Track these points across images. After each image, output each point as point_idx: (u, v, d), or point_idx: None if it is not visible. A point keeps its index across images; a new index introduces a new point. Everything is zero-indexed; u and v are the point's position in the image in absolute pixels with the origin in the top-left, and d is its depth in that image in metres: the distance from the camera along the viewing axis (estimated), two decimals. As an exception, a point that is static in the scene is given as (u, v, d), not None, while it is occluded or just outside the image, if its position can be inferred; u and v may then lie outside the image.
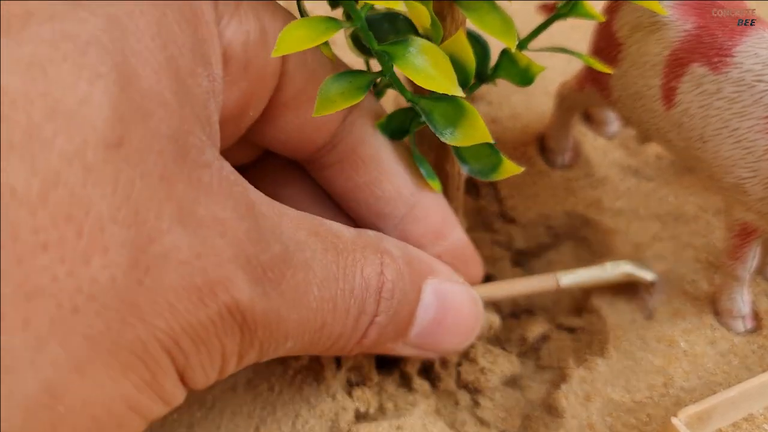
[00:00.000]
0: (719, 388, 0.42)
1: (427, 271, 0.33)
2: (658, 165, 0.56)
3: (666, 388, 0.42)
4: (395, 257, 0.32)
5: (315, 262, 0.28)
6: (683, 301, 0.47)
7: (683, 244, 0.50)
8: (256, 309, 0.25)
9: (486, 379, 0.42)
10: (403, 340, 0.33)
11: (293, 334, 0.28)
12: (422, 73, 0.27)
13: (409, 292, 0.32)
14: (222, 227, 0.24)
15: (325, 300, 0.28)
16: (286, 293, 0.26)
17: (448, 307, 0.34)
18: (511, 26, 0.30)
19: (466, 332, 0.36)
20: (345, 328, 0.30)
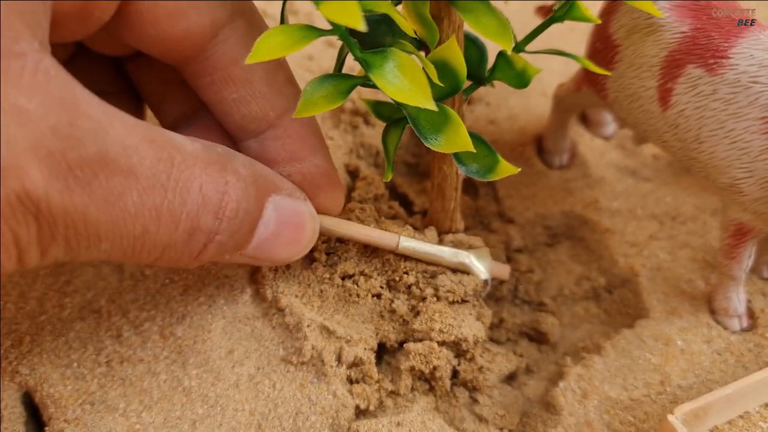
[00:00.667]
0: (715, 385, 0.42)
1: (272, 188, 0.35)
2: (655, 165, 0.56)
3: (663, 386, 0.42)
4: (242, 176, 0.32)
5: (141, 169, 0.28)
6: (680, 300, 0.47)
7: (680, 244, 0.50)
8: (54, 202, 0.25)
9: (484, 377, 0.43)
10: (241, 252, 0.34)
11: (107, 236, 0.28)
12: (394, 86, 0.28)
13: (253, 210, 0.33)
14: (23, 117, 0.24)
15: (147, 207, 0.28)
16: (96, 193, 0.26)
17: (286, 222, 0.35)
18: (507, 29, 0.30)
19: (301, 245, 0.37)
20: (173, 239, 0.30)
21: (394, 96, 0.29)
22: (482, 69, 0.37)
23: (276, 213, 0.35)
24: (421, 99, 0.29)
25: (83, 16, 0.31)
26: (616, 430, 0.41)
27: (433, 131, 0.33)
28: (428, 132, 0.33)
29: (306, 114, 0.31)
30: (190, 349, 0.41)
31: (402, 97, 0.28)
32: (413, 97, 0.28)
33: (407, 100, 0.29)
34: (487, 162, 0.35)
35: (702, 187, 0.54)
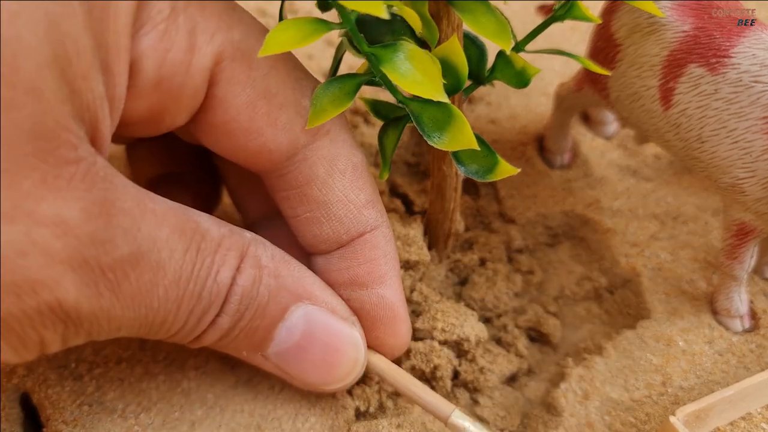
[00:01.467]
0: (717, 387, 0.42)
1: (305, 294, 0.33)
2: (656, 165, 0.56)
3: (664, 387, 0.42)
4: (261, 265, 0.31)
5: (170, 263, 0.28)
6: (681, 300, 0.47)
7: (681, 244, 0.50)
8: (83, 308, 0.26)
9: (485, 378, 0.42)
10: (262, 354, 0.33)
11: (127, 327, 0.28)
12: (408, 78, 0.28)
13: (271, 306, 0.32)
14: (62, 228, 0.24)
15: (170, 301, 0.28)
16: (124, 294, 0.27)
17: (317, 337, 0.33)
18: (506, 28, 0.30)
19: (337, 373, 0.34)
20: (186, 325, 0.30)
21: (408, 88, 0.28)
22: (482, 68, 0.37)
23: (305, 322, 0.33)
24: (433, 91, 0.28)
25: (153, 123, 0.31)
26: (618, 431, 0.41)
27: (437, 129, 0.32)
28: (431, 130, 0.32)
29: (318, 122, 0.30)
30: (189, 351, 0.41)
31: (417, 89, 0.28)
32: (427, 89, 0.28)
33: (421, 92, 0.28)
34: (486, 162, 0.35)
35: (703, 186, 0.54)
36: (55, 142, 0.24)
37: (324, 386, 0.35)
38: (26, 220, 0.24)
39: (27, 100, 0.23)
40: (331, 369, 0.34)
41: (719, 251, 0.45)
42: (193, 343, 0.32)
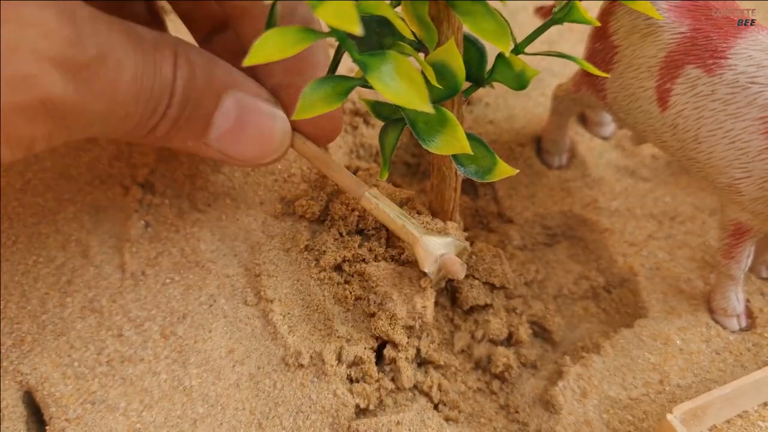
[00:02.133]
0: (714, 385, 0.42)
1: (232, 83, 0.37)
2: (654, 166, 0.56)
3: (662, 385, 0.43)
4: (192, 60, 0.35)
5: (127, 61, 0.31)
6: (679, 299, 0.47)
7: (679, 243, 0.51)
8: (67, 103, 0.30)
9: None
10: (205, 141, 0.37)
11: (100, 122, 0.32)
12: (391, 89, 0.28)
13: (206, 95, 0.36)
14: (44, 30, 0.28)
15: (130, 95, 0.32)
16: (97, 89, 0.31)
17: (248, 119, 0.37)
18: (505, 31, 0.31)
19: (270, 146, 0.38)
20: (141, 118, 0.34)
21: (391, 98, 0.29)
22: (481, 70, 0.37)
23: (237, 107, 0.37)
24: (417, 102, 0.29)
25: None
26: (615, 429, 0.41)
27: (431, 133, 0.33)
28: (425, 134, 0.33)
29: (304, 116, 0.31)
30: (191, 349, 0.41)
31: (399, 99, 0.29)
32: (410, 100, 0.29)
33: (404, 103, 0.29)
34: (485, 163, 0.35)
35: (700, 187, 0.54)
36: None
37: (260, 160, 0.39)
38: (15, 21, 0.27)
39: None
40: (264, 144, 0.38)
41: (716, 251, 0.45)
42: (148, 138, 0.36)
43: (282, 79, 0.39)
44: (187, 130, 0.36)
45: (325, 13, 0.24)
